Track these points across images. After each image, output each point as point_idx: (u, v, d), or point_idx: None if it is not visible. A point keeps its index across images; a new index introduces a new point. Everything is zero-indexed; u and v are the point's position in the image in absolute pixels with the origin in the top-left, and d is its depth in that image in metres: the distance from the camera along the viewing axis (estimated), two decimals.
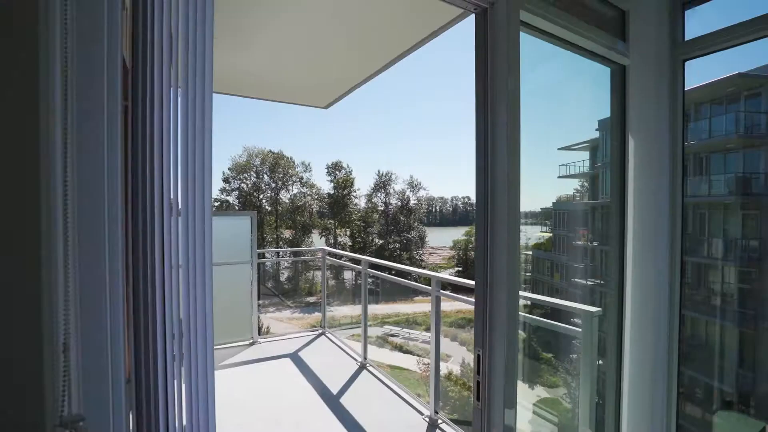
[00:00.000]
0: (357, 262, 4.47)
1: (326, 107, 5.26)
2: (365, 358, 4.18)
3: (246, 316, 4.81)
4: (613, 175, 1.82)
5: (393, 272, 4.47)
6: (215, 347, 4.71)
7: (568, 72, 2.04)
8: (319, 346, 4.79)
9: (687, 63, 1.64)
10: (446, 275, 3.27)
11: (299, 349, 4.65)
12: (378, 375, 3.92)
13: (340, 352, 4.57)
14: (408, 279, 4.37)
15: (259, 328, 27.63)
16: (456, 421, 3.10)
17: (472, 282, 2.91)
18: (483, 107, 1.31)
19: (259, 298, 4.99)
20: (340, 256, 5.30)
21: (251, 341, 4.82)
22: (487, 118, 1.29)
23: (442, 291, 3.04)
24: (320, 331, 5.27)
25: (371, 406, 3.39)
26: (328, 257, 5.34)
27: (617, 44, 1.57)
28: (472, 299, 3.17)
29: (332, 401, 3.46)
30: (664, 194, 1.50)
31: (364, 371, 4.02)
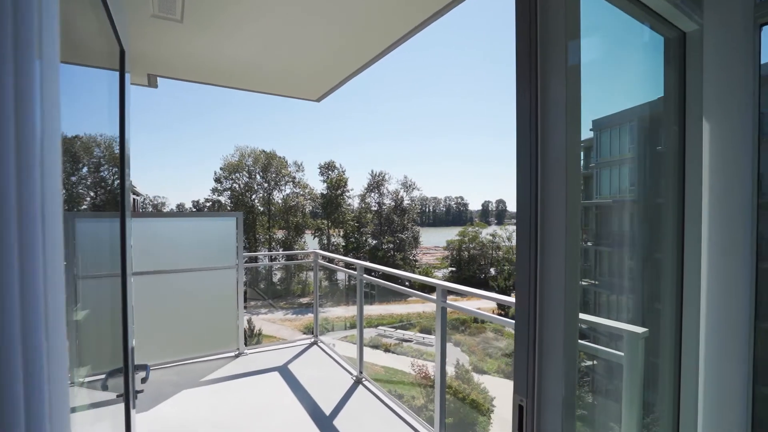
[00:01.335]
0: (351, 266, 4.13)
1: (318, 100, 4.92)
2: (361, 372, 3.84)
3: (231, 325, 4.44)
4: (667, 168, 1.50)
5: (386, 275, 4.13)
6: (198, 360, 4.36)
7: (606, 46, 1.72)
8: (310, 358, 4.43)
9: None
10: (448, 282, 2.92)
11: (289, 361, 4.29)
12: (375, 392, 3.58)
13: (333, 365, 4.22)
14: (408, 284, 4.04)
15: (252, 330, 27.08)
16: None
17: (491, 294, 2.50)
18: (528, 84, 0.98)
19: (245, 301, 4.63)
20: (334, 260, 4.95)
21: (237, 353, 4.45)
22: (535, 97, 0.96)
23: (449, 302, 2.69)
24: (312, 340, 4.92)
25: (368, 429, 3.05)
26: (321, 261, 4.99)
27: (679, 2, 1.25)
28: (478, 310, 2.84)
29: (324, 422, 3.12)
30: (747, 190, 1.18)
31: (360, 387, 3.68)
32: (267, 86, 4.67)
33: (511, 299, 2.13)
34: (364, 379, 3.80)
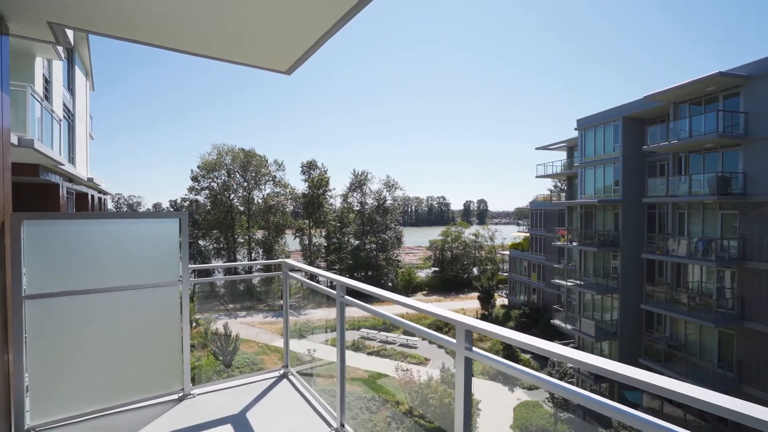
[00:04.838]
0: (331, 282, 3.17)
1: (288, 72, 3.94)
2: (342, 426, 2.88)
3: (174, 358, 3.40)
4: None
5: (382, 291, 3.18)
6: (126, 408, 3.32)
7: None
8: (278, 398, 3.45)
9: None
10: (471, 319, 1.96)
11: (250, 405, 3.30)
12: None
13: (306, 409, 3.25)
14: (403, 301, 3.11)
15: (228, 335, 25.76)
16: None
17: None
18: None
19: (184, 307, 3.58)
20: (311, 275, 3.98)
21: (182, 394, 3.42)
22: None
23: (478, 350, 1.71)
24: (282, 372, 3.93)
25: None
26: (293, 273, 3.99)
27: None
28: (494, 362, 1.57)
29: None
30: None
31: None
32: (225, 51, 3.66)
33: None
34: None
